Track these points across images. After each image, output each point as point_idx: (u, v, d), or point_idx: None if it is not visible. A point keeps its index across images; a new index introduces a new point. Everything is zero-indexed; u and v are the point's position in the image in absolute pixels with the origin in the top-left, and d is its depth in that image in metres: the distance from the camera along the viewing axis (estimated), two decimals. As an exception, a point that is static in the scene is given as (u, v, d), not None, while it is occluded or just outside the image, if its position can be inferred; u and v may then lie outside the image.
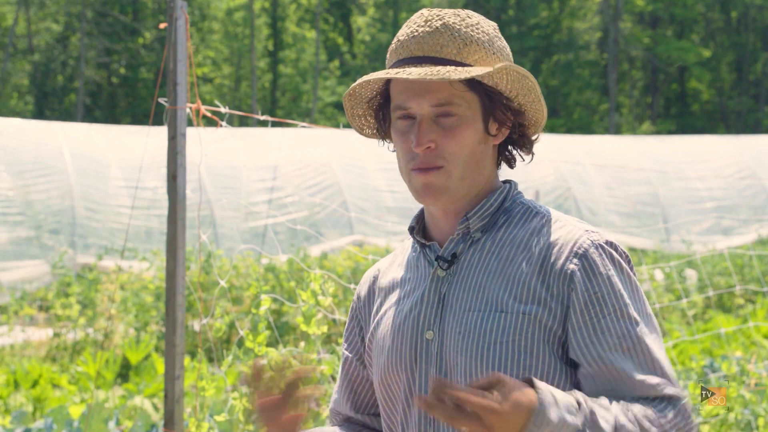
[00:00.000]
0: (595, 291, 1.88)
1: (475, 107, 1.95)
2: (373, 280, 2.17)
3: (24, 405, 7.89)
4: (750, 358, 6.66)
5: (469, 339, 1.91)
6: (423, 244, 2.05)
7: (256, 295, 8.48)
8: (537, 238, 1.95)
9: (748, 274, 13.79)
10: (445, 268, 1.98)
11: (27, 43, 37.18)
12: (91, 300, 10.92)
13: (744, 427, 5.46)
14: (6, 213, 14.02)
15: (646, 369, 1.87)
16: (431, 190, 1.96)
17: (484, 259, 1.96)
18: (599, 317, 1.88)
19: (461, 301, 1.95)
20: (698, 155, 19.93)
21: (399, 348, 2.00)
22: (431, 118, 1.94)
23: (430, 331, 1.97)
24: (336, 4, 44.49)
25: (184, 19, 3.68)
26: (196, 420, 3.61)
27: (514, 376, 1.87)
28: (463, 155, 1.95)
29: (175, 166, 3.69)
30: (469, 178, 1.97)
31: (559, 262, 1.90)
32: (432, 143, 1.94)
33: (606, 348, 1.87)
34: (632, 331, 1.87)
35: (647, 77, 44.74)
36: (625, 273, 1.92)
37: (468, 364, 1.90)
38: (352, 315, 2.20)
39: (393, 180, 16.81)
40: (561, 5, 42.52)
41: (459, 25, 1.96)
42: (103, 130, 18.01)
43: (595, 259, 1.90)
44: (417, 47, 1.96)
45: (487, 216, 2.00)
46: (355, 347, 2.18)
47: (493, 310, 1.91)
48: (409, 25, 1.99)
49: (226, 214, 15.49)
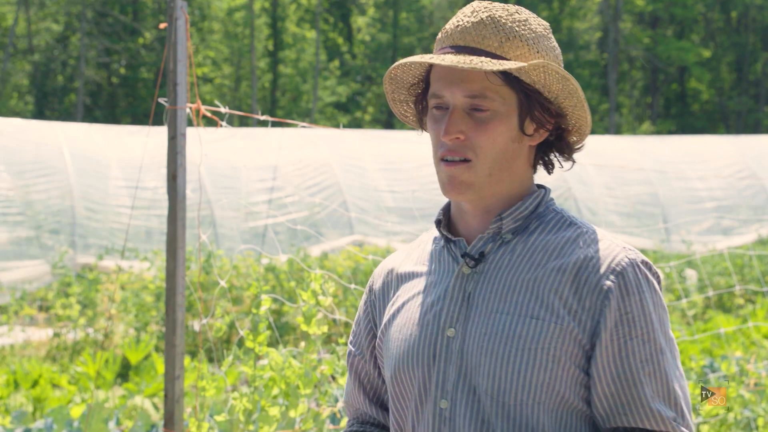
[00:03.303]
0: (627, 311, 1.87)
1: (511, 104, 1.91)
2: (389, 272, 2.12)
3: (24, 405, 7.89)
4: (750, 359, 6.66)
5: (495, 341, 1.88)
6: (448, 239, 2.00)
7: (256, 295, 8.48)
8: (572, 248, 1.92)
9: (748, 274, 13.80)
10: (472, 266, 1.95)
11: (27, 43, 37.17)
12: (91, 300, 10.92)
13: (743, 427, 5.47)
14: (6, 213, 14.02)
15: (663, 399, 1.86)
16: (456, 183, 1.92)
17: (515, 262, 1.93)
18: (627, 338, 1.87)
19: (488, 301, 1.92)
20: (698, 155, 19.92)
21: (417, 342, 1.96)
22: (464, 110, 1.91)
23: (452, 328, 1.93)
24: (336, 4, 44.47)
25: (184, 19, 3.68)
26: (196, 420, 3.61)
27: (539, 383, 1.86)
28: (493, 151, 1.91)
29: (175, 166, 3.69)
30: (498, 176, 1.93)
31: (596, 276, 1.88)
32: (461, 134, 1.90)
33: (628, 370, 1.86)
34: (656, 357, 1.87)
35: (647, 77, 44.74)
36: (657, 295, 1.91)
37: (493, 365, 1.87)
38: (365, 308, 2.15)
39: (393, 180, 16.82)
40: (561, 5, 42.51)
41: (505, 19, 1.93)
42: (103, 130, 18.00)
43: (631, 278, 1.88)
44: (459, 37, 1.93)
45: (520, 219, 1.96)
46: (359, 341, 2.15)
47: (523, 315, 1.88)
48: (458, 16, 1.97)
49: (226, 214, 15.49)
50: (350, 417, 2.20)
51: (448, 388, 1.92)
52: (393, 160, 17.18)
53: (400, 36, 41.64)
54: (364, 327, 2.14)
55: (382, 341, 2.06)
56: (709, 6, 43.05)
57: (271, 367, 3.48)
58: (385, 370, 2.04)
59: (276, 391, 3.48)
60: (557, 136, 1.99)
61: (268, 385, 3.47)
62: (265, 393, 3.46)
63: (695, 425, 5.33)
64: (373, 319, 2.12)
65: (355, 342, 2.16)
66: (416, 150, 16.31)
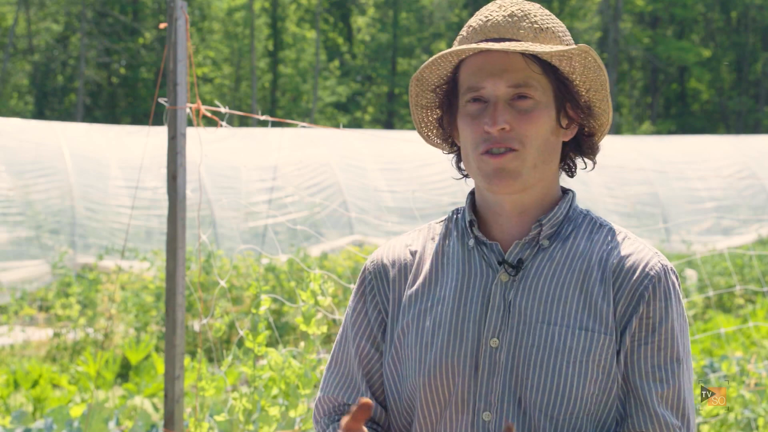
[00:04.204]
0: (650, 315, 1.86)
1: (549, 94, 1.88)
2: (405, 263, 2.00)
3: (24, 405, 7.89)
4: (750, 359, 6.66)
5: (545, 353, 1.84)
6: (481, 241, 1.94)
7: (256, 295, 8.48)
8: (608, 254, 1.90)
9: (748, 274, 13.79)
10: (512, 274, 1.90)
11: (27, 43, 37.18)
12: (91, 300, 10.92)
13: (744, 427, 5.46)
14: (6, 213, 14.02)
15: (670, 407, 1.85)
16: (504, 174, 1.86)
17: (556, 270, 1.89)
18: (644, 342, 1.86)
19: (533, 311, 1.87)
20: (698, 155, 19.92)
21: (457, 351, 1.89)
22: (506, 101, 1.87)
23: (495, 338, 1.88)
24: (336, 4, 44.47)
25: (184, 19, 3.67)
26: (196, 420, 3.61)
27: (590, 395, 1.84)
28: (538, 140, 1.87)
29: (175, 166, 3.69)
30: (541, 168, 1.89)
31: (631, 281, 1.87)
32: (507, 124, 1.85)
33: (638, 374, 1.86)
34: (671, 366, 1.86)
35: (647, 77, 44.74)
36: (681, 306, 1.90)
37: (543, 379, 1.84)
38: (370, 292, 2.03)
39: (393, 180, 16.82)
40: (561, 5, 42.50)
41: (535, 13, 1.91)
42: (103, 130, 18.00)
43: (662, 285, 1.87)
44: (493, 30, 1.89)
45: (556, 224, 1.93)
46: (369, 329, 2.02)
47: (573, 326, 1.85)
48: (483, 13, 1.93)
49: (226, 214, 15.49)
50: (324, 414, 2.05)
51: (492, 400, 1.87)
52: (393, 160, 17.18)
53: (400, 36, 41.64)
54: (374, 318, 2.01)
55: (401, 340, 1.96)
56: (709, 6, 43.05)
57: (270, 367, 3.48)
58: (408, 372, 1.94)
59: (276, 391, 3.48)
60: (583, 134, 1.96)
61: (267, 385, 3.47)
62: (264, 393, 3.46)
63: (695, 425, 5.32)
64: (384, 309, 2.01)
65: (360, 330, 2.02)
66: (416, 150, 16.31)
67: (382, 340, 2.00)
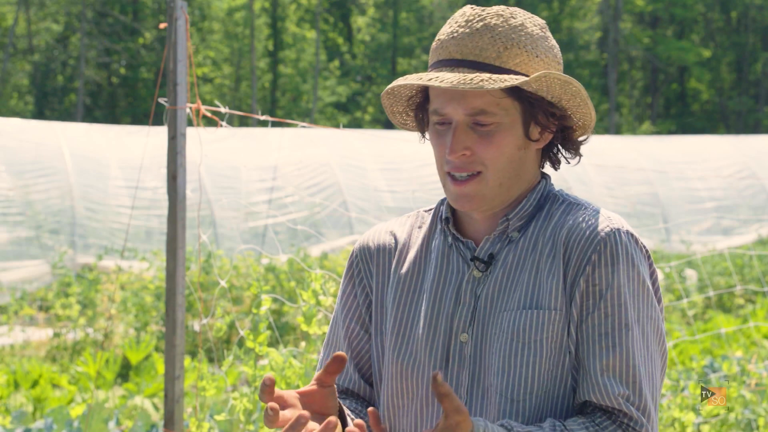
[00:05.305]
0: (596, 282, 1.84)
1: (515, 114, 1.88)
2: (388, 248, 2.04)
3: (24, 405, 7.88)
4: (750, 358, 6.66)
5: (503, 339, 1.86)
6: (457, 238, 1.97)
7: (256, 295, 8.48)
8: (560, 229, 1.89)
9: (748, 274, 13.79)
10: (482, 270, 1.92)
11: (27, 43, 37.18)
12: (91, 300, 10.91)
13: (744, 427, 5.46)
14: (6, 213, 14.02)
15: (616, 375, 1.81)
16: (467, 199, 1.90)
17: (520, 258, 1.91)
18: (592, 310, 1.84)
19: (495, 301, 1.90)
20: (698, 155, 19.92)
21: (431, 346, 1.93)
22: (467, 125, 1.87)
23: (464, 333, 1.91)
24: (336, 4, 44.47)
25: (184, 19, 3.67)
26: (196, 420, 3.60)
27: (546, 372, 1.85)
28: (501, 162, 1.88)
29: (175, 166, 3.69)
30: (508, 185, 1.90)
31: (577, 251, 1.86)
32: (467, 150, 1.87)
33: (583, 342, 1.84)
34: (618, 332, 1.83)
35: (647, 77, 44.74)
36: (634, 269, 1.86)
37: (502, 363, 1.86)
38: (358, 275, 2.06)
39: (393, 180, 16.82)
40: (561, 5, 42.51)
41: (501, 26, 1.88)
42: (103, 130, 18.00)
43: (607, 248, 1.84)
44: (456, 49, 1.88)
45: (525, 216, 1.94)
46: (357, 311, 2.06)
47: (525, 308, 1.86)
48: (451, 24, 1.92)
49: (226, 214, 15.49)
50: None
51: (461, 393, 1.90)
52: (393, 160, 17.18)
53: (400, 36, 41.64)
54: (363, 300, 2.05)
55: (380, 315, 2.01)
56: (709, 6, 43.05)
57: (271, 367, 3.48)
58: (384, 357, 1.99)
59: (276, 391, 3.47)
60: (563, 136, 1.95)
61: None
62: (265, 393, 3.45)
63: (695, 425, 5.32)
64: (370, 292, 2.05)
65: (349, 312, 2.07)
66: (416, 150, 16.30)
67: (369, 322, 2.05)
